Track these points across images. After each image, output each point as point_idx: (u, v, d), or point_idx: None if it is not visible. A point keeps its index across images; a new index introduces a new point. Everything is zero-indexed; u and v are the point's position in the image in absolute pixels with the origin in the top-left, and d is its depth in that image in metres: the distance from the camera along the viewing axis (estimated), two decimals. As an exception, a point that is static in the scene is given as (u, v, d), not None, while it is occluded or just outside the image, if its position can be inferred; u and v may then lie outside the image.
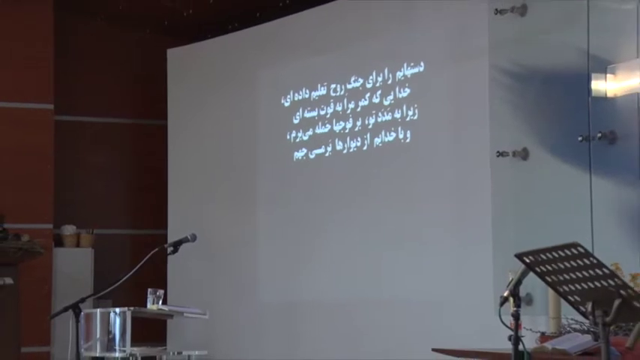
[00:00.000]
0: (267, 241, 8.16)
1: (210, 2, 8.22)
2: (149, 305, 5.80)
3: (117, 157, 9.29)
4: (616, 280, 3.29)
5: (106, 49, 9.14)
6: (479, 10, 6.35)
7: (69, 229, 8.73)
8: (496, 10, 6.17)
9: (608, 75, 5.48)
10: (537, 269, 3.51)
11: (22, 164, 8.34)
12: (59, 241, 8.68)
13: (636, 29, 5.33)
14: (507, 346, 4.05)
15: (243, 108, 8.45)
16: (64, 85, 8.71)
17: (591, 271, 3.32)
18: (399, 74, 7.20)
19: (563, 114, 5.78)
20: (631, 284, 3.59)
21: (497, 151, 6.13)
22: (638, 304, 3.27)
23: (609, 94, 5.48)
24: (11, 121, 8.37)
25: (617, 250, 5.11)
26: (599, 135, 5.48)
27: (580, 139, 5.56)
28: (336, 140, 7.66)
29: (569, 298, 3.47)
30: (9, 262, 7.29)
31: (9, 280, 7.19)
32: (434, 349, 5.57)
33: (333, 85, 7.72)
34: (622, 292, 3.28)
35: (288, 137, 8.03)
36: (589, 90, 5.55)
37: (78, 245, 8.75)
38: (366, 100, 7.45)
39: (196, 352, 6.06)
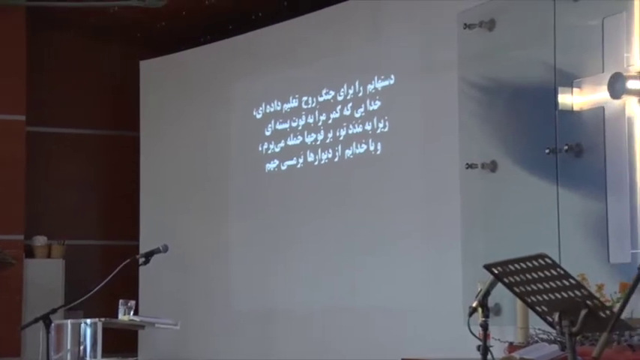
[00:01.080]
0: (240, 251, 8.14)
1: (183, 14, 8.22)
2: (120, 316, 5.76)
3: (89, 168, 9.24)
4: (582, 290, 3.32)
5: (78, 60, 9.10)
6: (448, 25, 6.37)
7: (40, 240, 8.67)
8: (465, 24, 6.21)
9: (575, 89, 5.52)
10: (505, 280, 3.53)
11: (-7, 175, 8.30)
12: (30, 252, 8.62)
13: (601, 45, 5.38)
14: (476, 356, 4.07)
15: (215, 120, 8.44)
16: (37, 96, 8.67)
17: (558, 282, 3.34)
18: (370, 87, 7.22)
19: (530, 127, 5.82)
20: (597, 295, 3.62)
21: (467, 163, 6.15)
22: (603, 315, 3.29)
23: (575, 108, 5.52)
24: (-18, 132, 8.34)
25: (584, 261, 5.15)
26: (566, 147, 5.52)
27: (547, 151, 5.60)
28: (308, 152, 7.67)
29: (537, 308, 3.49)
30: (-20, 273, 7.23)
31: (-20, 291, 7.13)
32: (404, 359, 5.60)
33: (304, 98, 7.73)
34: (588, 302, 3.30)
35: (260, 149, 8.03)
36: (556, 103, 5.59)
37: (49, 256, 8.69)
38: (337, 112, 7.47)
39: (168, 363, 6.04)
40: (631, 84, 5.16)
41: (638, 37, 5.22)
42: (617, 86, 5.18)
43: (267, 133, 7.99)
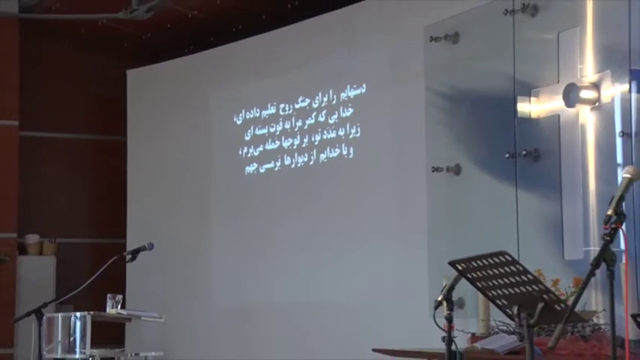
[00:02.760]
0: (220, 249, 8.13)
1: (168, 26, 8.20)
2: (108, 309, 5.74)
3: (79, 171, 9.19)
4: (539, 285, 3.34)
5: (69, 69, 9.06)
6: (415, 37, 6.39)
7: (32, 238, 8.62)
8: (431, 37, 6.23)
9: (532, 98, 5.55)
10: (469, 275, 3.54)
11: (-12, 177, 8.24)
12: (23, 250, 8.56)
13: (557, 57, 5.41)
14: (441, 347, 4.09)
15: (198, 125, 8.42)
16: (29, 102, 8.62)
17: (517, 278, 3.36)
18: (343, 95, 7.23)
19: (491, 133, 5.84)
20: (553, 289, 3.64)
21: (433, 167, 6.17)
22: (559, 308, 3.31)
23: (533, 115, 5.55)
24: (-23, 137, 8.29)
25: (540, 258, 5.16)
26: (524, 152, 5.54)
27: (507, 156, 5.61)
28: (285, 156, 7.67)
29: (497, 302, 3.51)
30: (-25, 270, 7.17)
31: (-25, 287, 7.07)
32: (374, 350, 5.60)
33: (282, 105, 7.72)
34: (545, 296, 3.32)
35: (240, 153, 8.02)
36: (515, 111, 5.62)
37: (41, 253, 8.63)
38: (312, 118, 7.47)
39: (153, 354, 6.02)
40: (584, 94, 5.19)
41: (591, 50, 5.25)
42: (571, 96, 5.21)
43: (247, 138, 7.98)
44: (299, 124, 7.57)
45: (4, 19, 8.25)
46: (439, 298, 4.05)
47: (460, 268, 3.55)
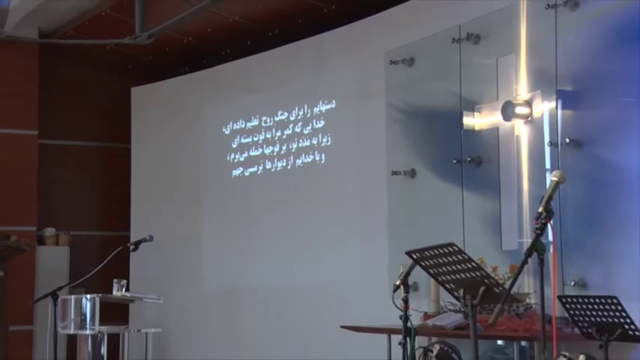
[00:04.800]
0: (211, 240, 8.09)
1: (167, 50, 8.16)
2: (114, 292, 5.70)
3: (89, 173, 9.12)
4: (481, 271, 3.36)
5: (81, 87, 8.99)
6: (377, 61, 6.40)
7: (49, 231, 8.54)
8: (390, 61, 6.25)
9: (476, 113, 5.57)
10: (422, 263, 3.55)
11: (12, 178, 8.15)
12: (41, 241, 8.48)
13: (496, 78, 5.44)
14: (399, 324, 4.10)
15: (192, 135, 8.38)
16: (47, 115, 8.55)
17: (463, 265, 3.37)
18: (316, 109, 7.22)
19: (441, 142, 5.86)
20: (492, 275, 3.67)
21: (392, 171, 6.18)
22: (497, 290, 3.33)
23: (476, 128, 5.57)
24: (4, 144, 8.20)
25: (482, 248, 5.18)
26: (469, 159, 5.56)
27: (454, 162, 5.63)
28: (266, 161, 7.65)
29: (446, 285, 3.52)
30: (0, 258, 7.08)
31: (0, 273, 6.99)
32: (342, 326, 5.61)
33: (264, 118, 7.71)
34: (486, 281, 3.34)
35: (227, 158, 7.99)
36: (461, 124, 5.64)
37: (57, 244, 8.55)
38: (289, 129, 7.46)
39: (152, 330, 5.98)
40: (519, 109, 5.21)
41: (524, 73, 5.29)
42: (508, 111, 5.24)
43: (234, 146, 7.95)
44: (278, 134, 7.56)
45: (26, 44, 8.18)
46: (397, 283, 4.06)
47: (415, 256, 3.56)
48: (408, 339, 3.98)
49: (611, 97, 4.77)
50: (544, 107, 5.09)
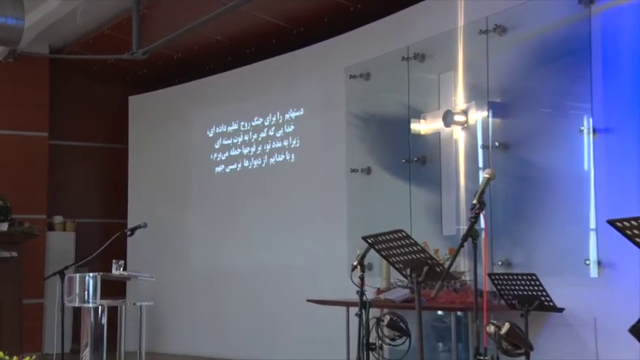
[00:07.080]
0: (197, 227, 8.03)
1: (159, 64, 8.08)
2: (114, 271, 5.59)
3: (93, 169, 9.02)
4: (425, 254, 3.36)
5: (86, 95, 8.90)
6: (339, 75, 6.41)
7: (58, 219, 8.43)
8: (350, 75, 6.26)
9: (421, 120, 5.60)
10: (376, 247, 3.55)
11: (26, 174, 8.06)
12: (51, 227, 8.35)
13: (438, 91, 5.48)
14: (356, 298, 4.09)
15: (180, 137, 8.31)
16: (56, 119, 8.45)
17: (410, 248, 3.38)
18: (287, 116, 7.20)
19: (392, 145, 5.88)
20: (435, 256, 3.68)
21: (351, 169, 6.19)
22: (438, 269, 3.35)
23: (422, 132, 5.61)
24: (18, 144, 8.08)
25: (426, 234, 5.22)
26: (416, 159, 5.59)
27: (403, 161, 5.67)
28: (244, 160, 7.61)
29: (396, 265, 3.53)
30: (15, 242, 7.03)
31: (15, 254, 6.94)
32: (308, 300, 5.60)
33: (242, 123, 7.66)
34: (429, 261, 3.35)
35: (211, 157, 7.93)
36: (409, 129, 5.67)
37: (64, 230, 8.43)
38: (264, 133, 7.42)
39: (146, 303, 5.90)
40: (457, 117, 5.26)
41: (462, 87, 5.33)
42: (448, 119, 5.28)
43: (217, 147, 7.90)
44: (255, 136, 7.52)
45: (38, 59, 8.08)
46: (354, 263, 4.06)
47: (370, 241, 3.57)
48: (363, 310, 3.99)
49: (533, 108, 4.84)
50: (477, 116, 5.14)
